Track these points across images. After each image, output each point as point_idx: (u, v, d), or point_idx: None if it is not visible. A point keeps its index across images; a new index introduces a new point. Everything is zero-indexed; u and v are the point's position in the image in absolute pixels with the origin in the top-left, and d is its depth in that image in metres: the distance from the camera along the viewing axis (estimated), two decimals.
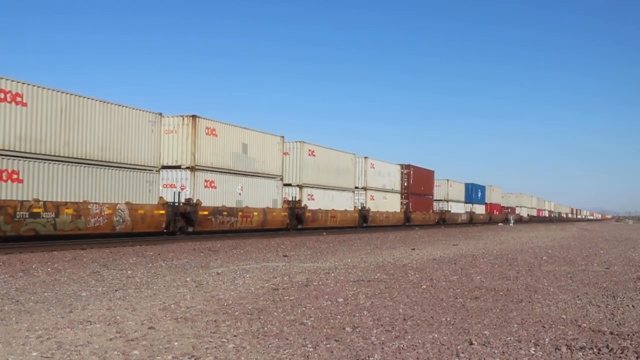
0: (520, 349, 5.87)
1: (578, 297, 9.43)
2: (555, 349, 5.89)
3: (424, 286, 10.38)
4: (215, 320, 7.05)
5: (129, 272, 12.12)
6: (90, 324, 6.72)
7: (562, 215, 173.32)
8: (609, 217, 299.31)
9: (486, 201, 77.88)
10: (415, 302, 8.66)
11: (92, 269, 12.60)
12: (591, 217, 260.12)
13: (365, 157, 42.92)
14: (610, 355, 5.71)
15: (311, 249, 20.05)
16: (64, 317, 7.12)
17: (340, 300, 8.68)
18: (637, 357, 5.63)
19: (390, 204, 46.88)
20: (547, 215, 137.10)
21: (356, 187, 41.42)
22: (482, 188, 77.21)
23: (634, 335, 6.59)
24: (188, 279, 10.97)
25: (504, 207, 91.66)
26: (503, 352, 5.71)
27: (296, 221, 33.68)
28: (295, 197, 34.19)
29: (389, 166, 47.41)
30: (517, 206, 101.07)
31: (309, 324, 6.95)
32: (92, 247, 18.89)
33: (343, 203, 39.22)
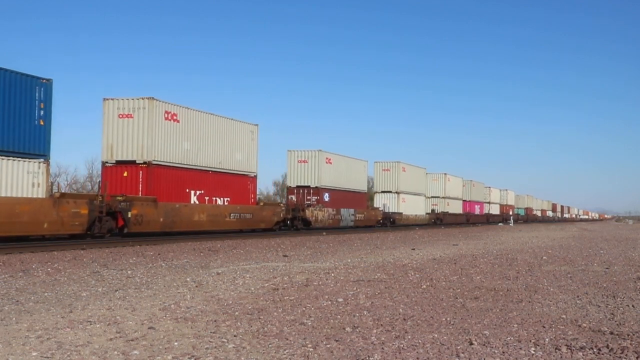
0: (520, 349, 5.87)
1: (578, 297, 9.43)
2: (555, 349, 5.89)
3: (424, 286, 10.38)
4: (215, 320, 7.05)
5: (129, 272, 12.12)
6: (90, 324, 6.72)
7: (535, 213, 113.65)
8: (609, 217, 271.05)
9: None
10: (415, 302, 8.66)
11: (92, 269, 12.61)
12: (585, 217, 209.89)
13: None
14: (610, 355, 5.70)
15: (311, 249, 20.05)
16: (64, 317, 7.12)
17: (340, 300, 8.68)
18: (637, 357, 5.62)
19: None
20: (496, 212, 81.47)
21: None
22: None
23: (634, 335, 6.59)
24: (188, 279, 10.97)
25: (319, 189, 37.58)
26: (503, 352, 5.71)
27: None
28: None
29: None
30: (399, 192, 49.92)
31: (309, 324, 6.95)
32: (92, 247, 18.90)
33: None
